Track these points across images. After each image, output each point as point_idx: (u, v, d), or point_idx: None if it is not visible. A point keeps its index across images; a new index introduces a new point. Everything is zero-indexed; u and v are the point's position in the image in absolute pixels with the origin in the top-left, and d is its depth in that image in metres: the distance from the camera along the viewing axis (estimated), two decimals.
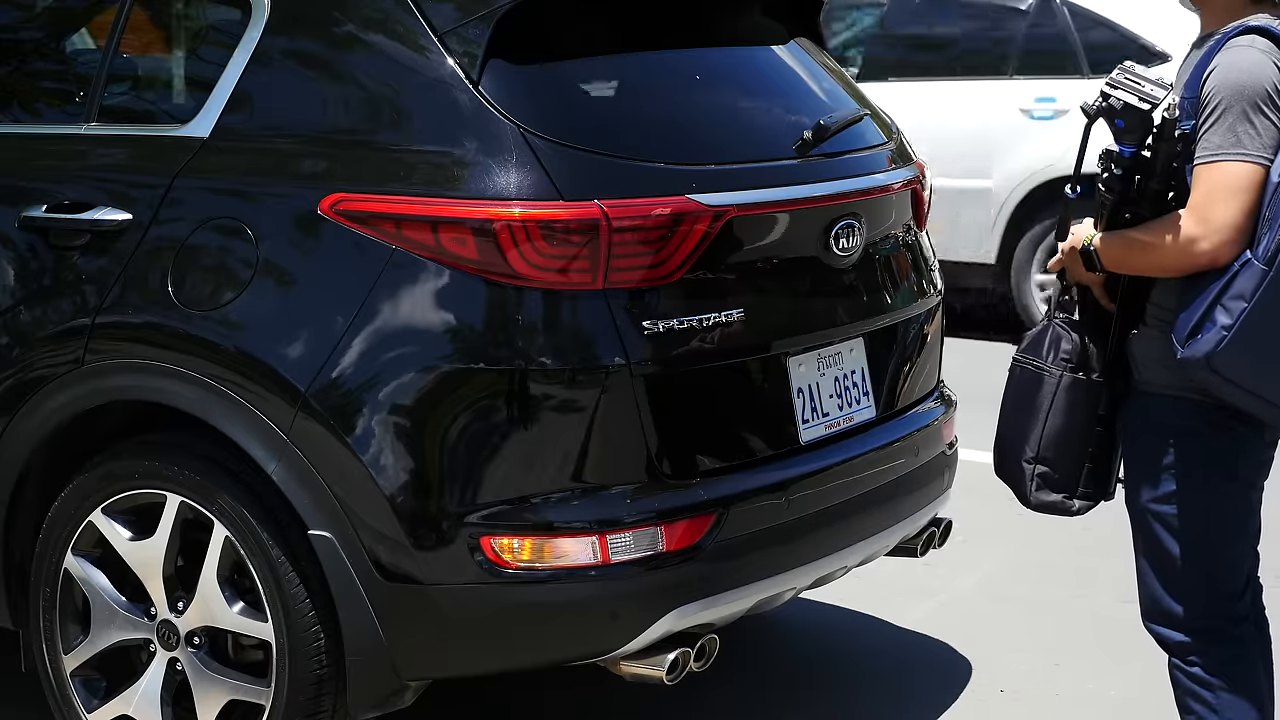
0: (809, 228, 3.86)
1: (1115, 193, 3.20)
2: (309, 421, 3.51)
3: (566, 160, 3.51)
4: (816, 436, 3.89)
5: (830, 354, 3.96)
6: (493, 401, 3.49)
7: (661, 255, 3.53)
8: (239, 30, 3.82)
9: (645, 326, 3.51)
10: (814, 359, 3.91)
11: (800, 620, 5.11)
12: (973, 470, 4.97)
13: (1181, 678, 3.42)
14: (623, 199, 3.50)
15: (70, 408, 3.84)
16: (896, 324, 4.21)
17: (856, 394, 4.03)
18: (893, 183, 4.19)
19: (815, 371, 3.90)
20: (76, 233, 3.85)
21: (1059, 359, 3.38)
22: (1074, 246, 3.31)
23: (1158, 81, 3.15)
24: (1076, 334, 3.38)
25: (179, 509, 3.71)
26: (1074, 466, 3.41)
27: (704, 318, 3.60)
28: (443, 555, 3.50)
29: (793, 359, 3.84)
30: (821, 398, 3.91)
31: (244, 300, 3.61)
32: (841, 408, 3.98)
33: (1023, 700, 4.67)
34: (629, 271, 3.50)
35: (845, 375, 3.99)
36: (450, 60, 3.58)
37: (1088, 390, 3.37)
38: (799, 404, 3.85)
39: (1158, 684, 4.68)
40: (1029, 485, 3.42)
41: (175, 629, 3.77)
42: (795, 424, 3.84)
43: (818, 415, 3.89)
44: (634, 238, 3.50)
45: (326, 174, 3.62)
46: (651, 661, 3.63)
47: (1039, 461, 3.40)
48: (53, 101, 4.46)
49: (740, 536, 3.68)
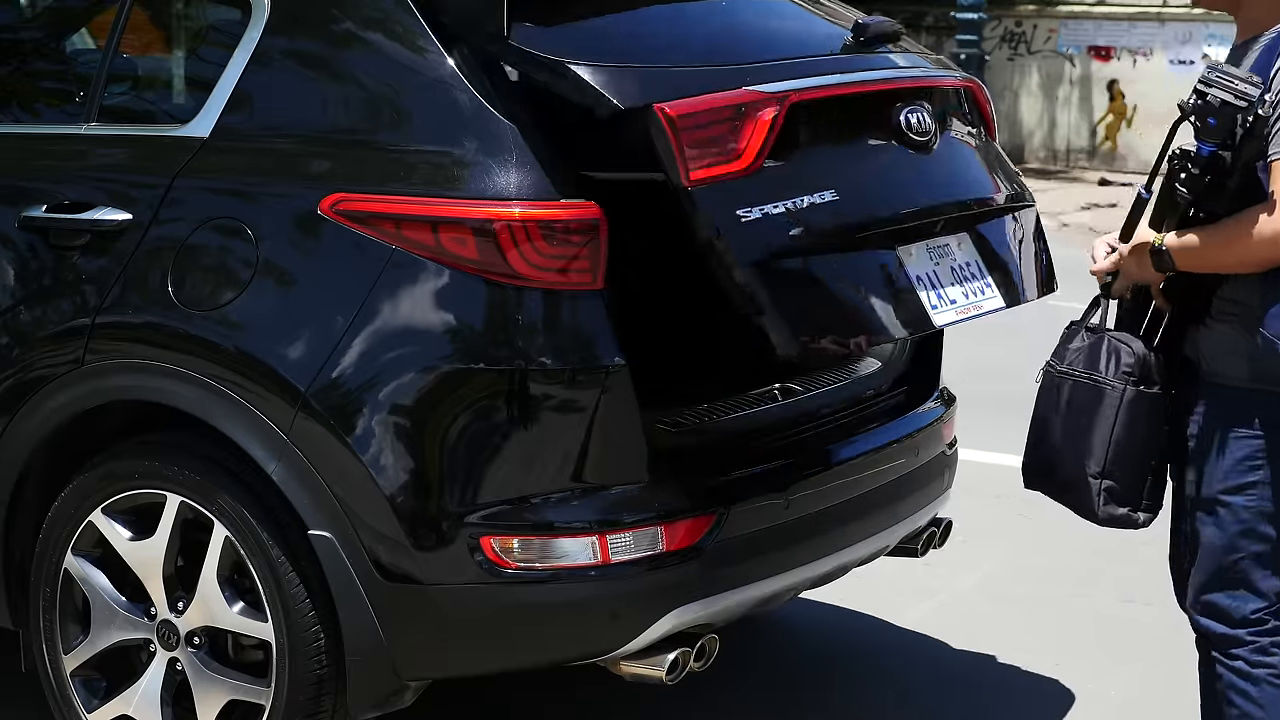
0: (878, 111, 3.84)
1: (1191, 192, 3.20)
2: (309, 421, 3.51)
3: (613, 78, 3.47)
4: (949, 321, 3.81)
5: (938, 245, 3.89)
6: (493, 401, 3.49)
7: (736, 147, 3.49)
8: (239, 30, 3.82)
9: (739, 215, 3.45)
10: (923, 249, 3.84)
11: (800, 620, 5.11)
12: (973, 470, 4.98)
13: (1224, 672, 3.40)
14: (681, 98, 3.47)
15: (70, 408, 3.84)
16: (997, 218, 4.13)
17: (978, 285, 3.95)
18: (948, 79, 4.18)
19: (928, 260, 3.84)
20: (76, 233, 3.85)
21: (1120, 372, 3.35)
22: (1140, 247, 3.31)
23: (1248, 79, 3.16)
24: (1134, 345, 3.36)
25: (179, 509, 3.71)
26: (1138, 479, 3.39)
27: (797, 201, 3.53)
28: (443, 555, 3.50)
29: (901, 247, 3.78)
30: (943, 285, 3.84)
31: (244, 300, 3.61)
32: (967, 295, 3.90)
33: (1023, 700, 4.67)
34: (708, 167, 3.45)
35: (960, 267, 3.92)
36: (450, 60, 3.58)
37: (1153, 403, 3.35)
38: (921, 290, 3.77)
39: (1158, 684, 4.69)
40: (1096, 500, 3.38)
41: (175, 629, 3.77)
42: (923, 307, 3.76)
43: (945, 301, 3.82)
44: (703, 133, 3.46)
45: (326, 174, 3.62)
46: (651, 661, 3.63)
47: (1105, 476, 3.37)
48: (53, 101, 4.46)
49: (740, 536, 3.68)
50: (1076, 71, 18.88)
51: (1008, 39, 18.89)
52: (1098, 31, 19.13)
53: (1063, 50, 19.17)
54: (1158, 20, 18.84)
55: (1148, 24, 18.87)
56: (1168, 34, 18.67)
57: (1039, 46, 18.72)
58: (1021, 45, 18.92)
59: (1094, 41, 19.13)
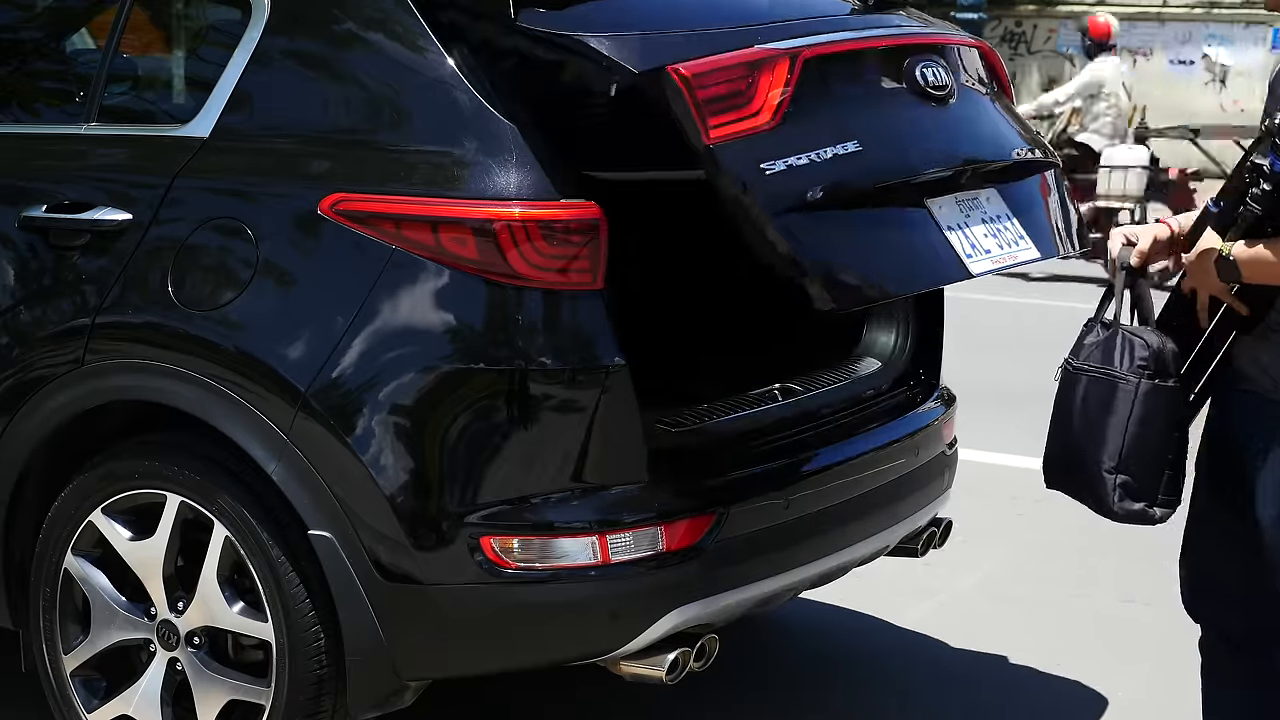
0: (893, 66, 3.82)
1: (1264, 207, 3.18)
2: (309, 421, 3.51)
3: (624, 45, 3.47)
4: (985, 270, 3.78)
5: (967, 198, 3.86)
6: (493, 401, 3.49)
7: (754, 103, 3.48)
8: (239, 30, 3.82)
9: (764, 168, 3.43)
10: (951, 202, 3.81)
11: (800, 620, 5.11)
12: (973, 470, 4.98)
13: None
14: (693, 59, 3.46)
15: (70, 408, 3.84)
16: (1024, 174, 4.10)
17: (1011, 236, 3.91)
18: (960, 38, 4.16)
19: (959, 212, 3.81)
20: (76, 233, 3.85)
21: (1135, 366, 3.31)
22: (1206, 253, 3.26)
23: None
24: (1148, 338, 3.33)
25: (179, 509, 3.71)
26: (1154, 474, 3.34)
27: (820, 153, 3.51)
28: (443, 555, 3.50)
29: (930, 200, 3.76)
30: (976, 236, 3.81)
31: (244, 300, 3.61)
32: (1002, 246, 3.86)
33: (1023, 700, 4.67)
34: (727, 124, 3.44)
35: (991, 219, 3.89)
36: (450, 60, 3.58)
37: (1169, 396, 3.31)
38: (954, 239, 3.74)
39: (1160, 684, 4.69)
40: (1112, 495, 3.34)
41: (175, 629, 3.77)
42: (958, 256, 3.72)
43: (979, 251, 3.79)
44: (719, 90, 3.45)
45: (326, 174, 3.62)
46: (651, 661, 3.63)
47: (1120, 470, 3.32)
48: (53, 101, 4.46)
49: (740, 536, 3.68)
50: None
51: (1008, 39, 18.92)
52: None
53: (1063, 50, 19.19)
54: (1158, 20, 18.87)
55: (1148, 24, 18.90)
56: (1168, 34, 18.69)
57: (1039, 46, 18.74)
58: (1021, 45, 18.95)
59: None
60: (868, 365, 4.43)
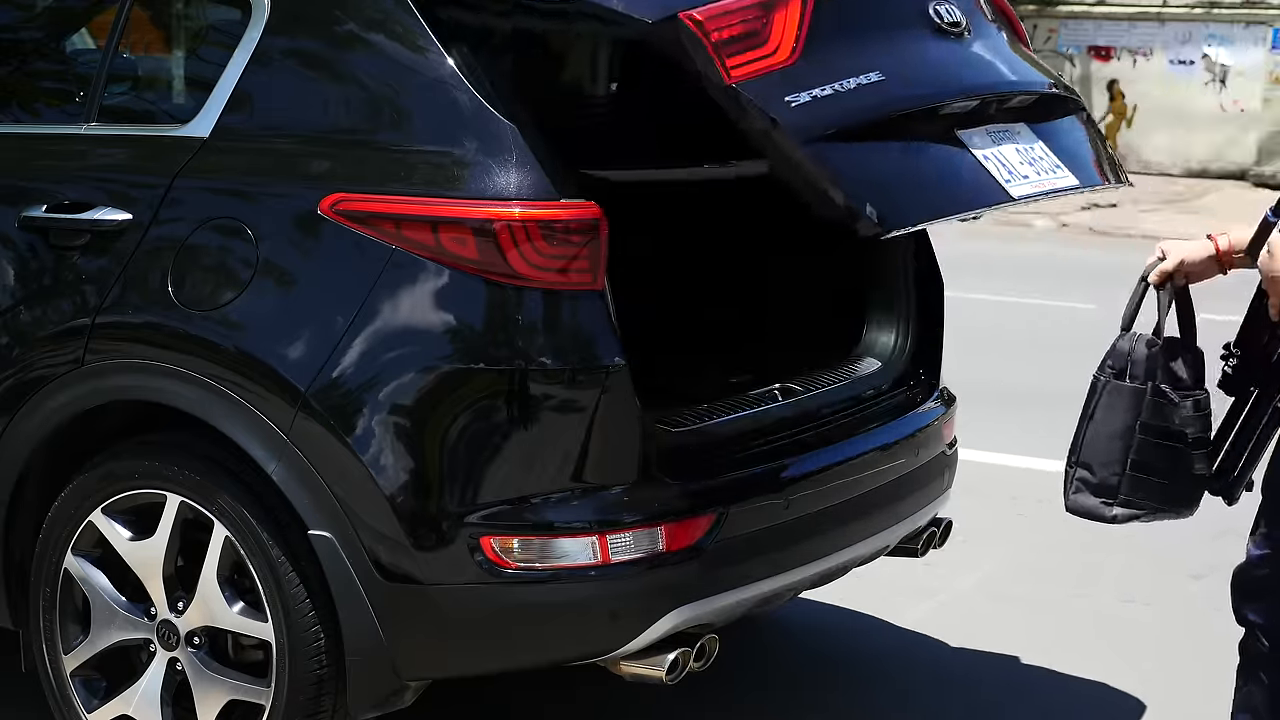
0: (907, 2, 3.81)
1: None
2: (309, 421, 3.51)
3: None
4: (1026, 193, 3.75)
5: (997, 130, 3.84)
6: (493, 401, 3.49)
7: (770, 40, 3.47)
8: (239, 30, 3.82)
9: (789, 100, 3.43)
10: (983, 133, 3.79)
11: (800, 620, 5.11)
12: (973, 470, 4.98)
13: None
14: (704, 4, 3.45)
15: (70, 408, 3.84)
16: (1051, 108, 4.07)
17: (1048, 165, 3.88)
18: None
19: (991, 142, 3.79)
20: (76, 233, 3.85)
21: (1105, 365, 3.44)
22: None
23: None
24: (1124, 342, 3.40)
25: (179, 509, 3.71)
26: (1113, 473, 3.41)
27: (844, 83, 3.51)
28: (443, 555, 3.50)
29: (960, 131, 3.74)
30: (1012, 163, 3.78)
31: (244, 300, 3.61)
32: (1040, 174, 3.83)
33: (1023, 700, 4.67)
34: (746, 63, 3.43)
35: (1025, 149, 3.86)
36: (450, 60, 3.58)
37: (1130, 396, 3.38)
38: (990, 165, 3.71)
39: (1159, 684, 4.69)
40: (1068, 488, 3.45)
41: (175, 629, 3.77)
42: (995, 180, 3.69)
43: (1017, 176, 3.76)
44: (734, 30, 3.44)
45: (326, 174, 3.62)
46: (651, 661, 3.63)
47: (1079, 465, 3.44)
48: (53, 101, 4.46)
49: (740, 536, 3.67)
50: (1076, 71, 18.89)
51: None
52: (1098, 31, 19.15)
53: (1063, 50, 19.18)
54: (1158, 20, 18.85)
55: (1148, 24, 18.88)
56: (1168, 34, 18.67)
57: (1039, 46, 18.71)
58: None
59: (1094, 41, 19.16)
60: (868, 365, 4.43)
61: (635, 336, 3.60)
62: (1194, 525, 3.69)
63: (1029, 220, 15.40)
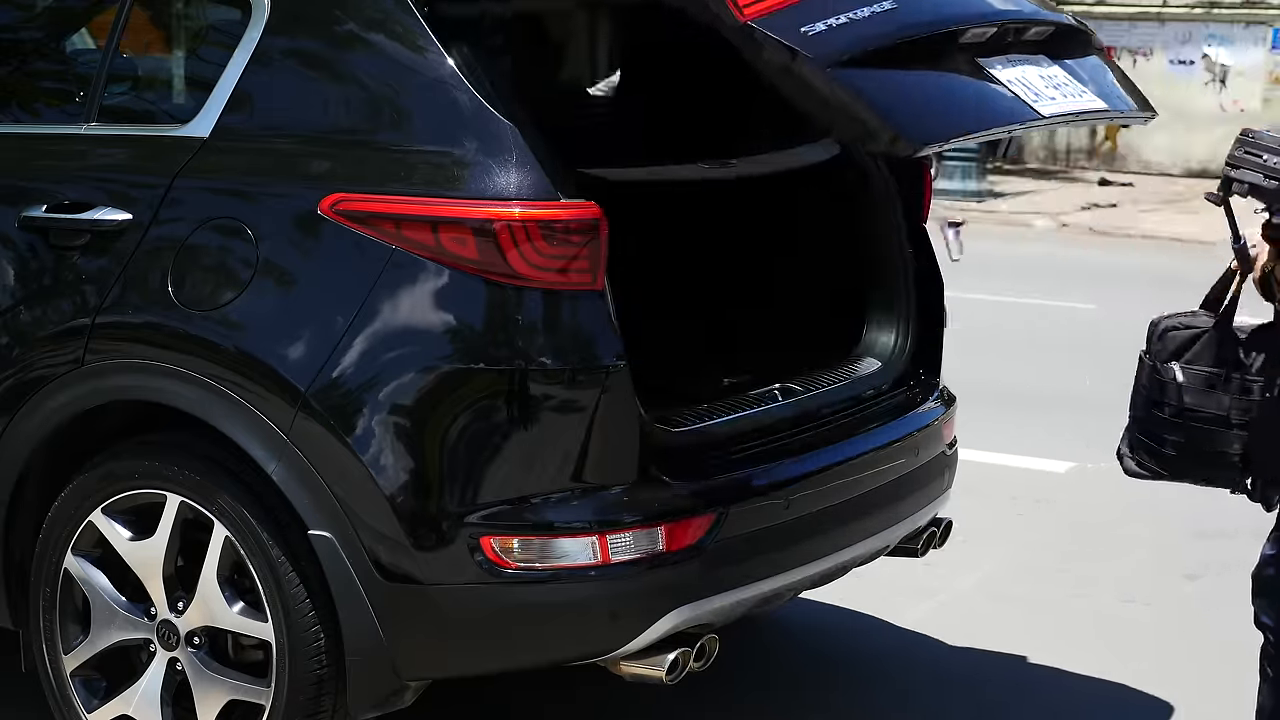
0: None
1: None
2: (309, 421, 3.51)
3: None
4: (1055, 112, 3.73)
5: (1018, 59, 3.80)
6: (493, 401, 3.49)
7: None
8: (239, 30, 3.82)
9: (804, 30, 3.41)
10: (1005, 60, 3.75)
11: (800, 620, 5.11)
12: (973, 470, 4.98)
13: None
14: None
15: (70, 408, 3.84)
16: (1070, 42, 4.02)
17: (1074, 89, 3.85)
18: None
19: (1012, 68, 3.76)
20: (76, 233, 3.85)
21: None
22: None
23: None
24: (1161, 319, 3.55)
25: (179, 509, 3.71)
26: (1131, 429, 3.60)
27: (859, 11, 3.50)
28: (443, 555, 3.50)
29: (981, 59, 3.70)
30: (1038, 86, 3.74)
31: (244, 300, 3.61)
32: (1066, 96, 3.80)
33: (1024, 700, 4.67)
34: (758, 1, 3.42)
35: (1048, 75, 3.83)
36: (450, 60, 3.58)
37: (1144, 369, 3.56)
38: (1016, 87, 3.68)
39: (1159, 684, 4.70)
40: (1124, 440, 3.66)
41: (175, 629, 3.77)
42: (1022, 99, 3.66)
43: (1044, 97, 3.73)
44: None
45: (326, 174, 3.62)
46: (651, 661, 3.63)
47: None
48: (53, 101, 4.46)
49: (740, 536, 3.68)
50: None
51: None
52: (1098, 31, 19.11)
53: None
54: (1158, 20, 18.83)
55: (1148, 24, 18.87)
56: (1168, 34, 18.66)
57: None
58: None
59: None
60: (868, 365, 4.43)
61: (635, 336, 3.60)
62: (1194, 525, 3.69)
63: (1029, 220, 15.41)
